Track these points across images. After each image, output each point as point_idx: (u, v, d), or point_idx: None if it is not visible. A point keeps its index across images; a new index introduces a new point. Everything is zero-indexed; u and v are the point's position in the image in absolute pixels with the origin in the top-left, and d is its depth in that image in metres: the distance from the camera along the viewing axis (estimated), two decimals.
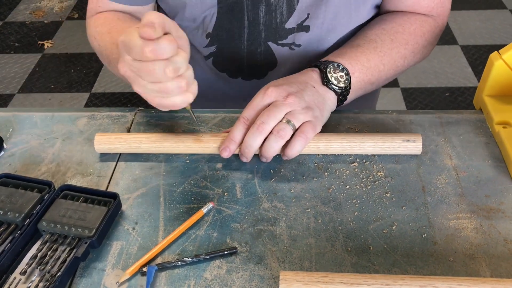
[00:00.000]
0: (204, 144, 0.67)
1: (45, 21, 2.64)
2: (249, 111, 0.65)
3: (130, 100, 2.13)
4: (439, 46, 2.33)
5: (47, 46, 2.45)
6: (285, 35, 0.79)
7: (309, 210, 0.62)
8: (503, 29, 2.44)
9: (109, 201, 0.61)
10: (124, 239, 0.59)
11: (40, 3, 2.80)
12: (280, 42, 0.80)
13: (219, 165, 0.68)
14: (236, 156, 0.69)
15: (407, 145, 0.66)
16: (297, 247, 0.58)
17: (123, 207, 0.63)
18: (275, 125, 0.63)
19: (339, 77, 0.68)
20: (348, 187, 0.64)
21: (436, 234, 0.58)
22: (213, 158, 0.69)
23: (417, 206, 0.61)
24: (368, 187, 0.64)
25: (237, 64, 0.84)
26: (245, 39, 0.80)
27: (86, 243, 0.56)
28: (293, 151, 0.63)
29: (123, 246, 0.58)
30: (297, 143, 0.63)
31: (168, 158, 0.69)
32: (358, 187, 0.64)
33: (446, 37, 2.40)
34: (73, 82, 2.24)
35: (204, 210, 0.61)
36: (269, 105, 0.64)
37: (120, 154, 0.70)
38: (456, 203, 0.62)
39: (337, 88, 0.67)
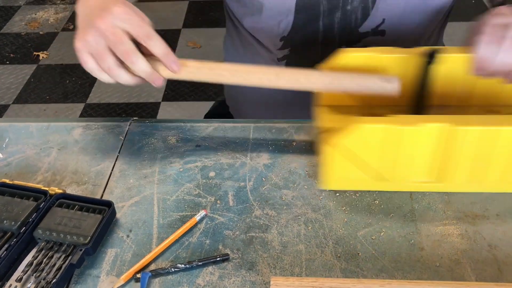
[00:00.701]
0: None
1: (41, 32, 2.66)
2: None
3: (125, 110, 2.14)
4: None
5: (43, 57, 2.47)
6: (359, 38, 0.80)
7: (299, 217, 0.63)
8: None
9: (103, 209, 0.62)
10: (118, 246, 0.60)
11: (35, 14, 2.82)
12: (353, 46, 0.81)
13: (212, 174, 0.69)
14: (229, 165, 0.70)
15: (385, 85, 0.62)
16: (288, 253, 0.59)
17: (118, 215, 0.64)
18: None
19: None
20: (337, 194, 0.66)
21: (423, 240, 0.60)
22: (206, 167, 0.70)
23: (404, 213, 0.63)
24: (357, 195, 0.66)
25: (310, 67, 0.86)
26: (319, 43, 0.82)
27: (81, 250, 0.57)
28: None
29: (118, 253, 0.60)
30: None
31: (162, 167, 0.70)
32: (348, 194, 0.66)
33: None
34: (68, 92, 2.25)
35: (197, 217, 0.62)
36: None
37: (116, 161, 0.71)
38: (443, 210, 0.63)
39: None
